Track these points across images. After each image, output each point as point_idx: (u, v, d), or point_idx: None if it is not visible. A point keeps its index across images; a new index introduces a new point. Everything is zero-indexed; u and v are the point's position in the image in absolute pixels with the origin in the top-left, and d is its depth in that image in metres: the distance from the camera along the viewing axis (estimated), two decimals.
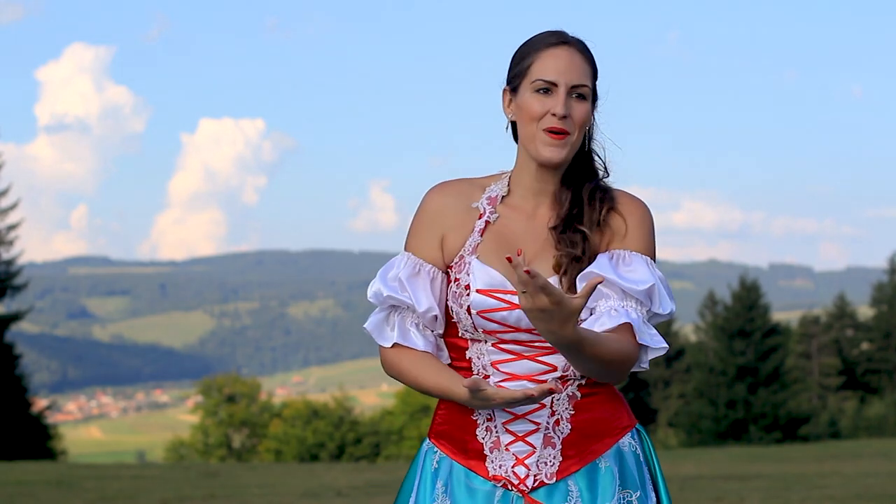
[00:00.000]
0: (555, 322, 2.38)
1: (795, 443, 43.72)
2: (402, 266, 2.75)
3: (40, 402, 46.64)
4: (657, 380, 59.30)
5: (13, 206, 43.08)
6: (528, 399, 2.53)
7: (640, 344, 2.63)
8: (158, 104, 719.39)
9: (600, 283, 2.41)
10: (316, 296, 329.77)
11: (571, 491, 2.66)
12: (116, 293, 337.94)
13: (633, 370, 2.67)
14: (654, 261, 2.74)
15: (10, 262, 42.26)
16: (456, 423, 2.74)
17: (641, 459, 2.75)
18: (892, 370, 57.05)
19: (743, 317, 50.25)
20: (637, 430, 2.79)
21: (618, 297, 2.65)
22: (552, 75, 2.67)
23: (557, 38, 2.70)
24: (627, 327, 2.61)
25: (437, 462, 2.76)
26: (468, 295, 2.67)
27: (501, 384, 2.67)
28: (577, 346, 2.45)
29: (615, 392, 2.78)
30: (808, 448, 33.46)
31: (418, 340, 2.74)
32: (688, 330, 62.51)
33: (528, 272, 2.32)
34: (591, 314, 2.66)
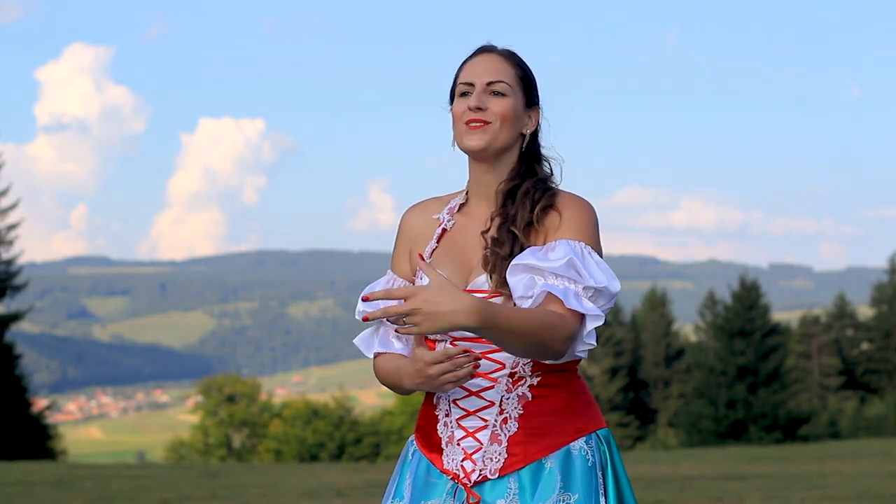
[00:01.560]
0: (438, 312, 2.55)
1: (795, 443, 43.72)
2: (381, 284, 2.99)
3: (40, 402, 46.63)
4: (657, 380, 59.33)
5: (13, 206, 43.07)
6: (446, 357, 2.63)
7: (573, 312, 2.68)
8: (158, 104, 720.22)
9: (420, 256, 2.74)
10: (316, 296, 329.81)
11: (510, 487, 2.75)
12: (116, 293, 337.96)
13: (581, 348, 2.73)
14: (595, 249, 2.78)
15: (10, 262, 42.24)
16: (427, 417, 2.90)
17: (591, 464, 2.77)
18: (892, 370, 57.05)
19: (743, 317, 50.24)
20: (597, 435, 2.83)
21: (547, 279, 2.72)
22: (469, 78, 2.88)
23: (478, 50, 2.92)
24: (552, 298, 2.69)
25: (412, 454, 2.92)
26: None
27: None
28: (499, 324, 2.57)
29: (575, 395, 2.83)
30: (808, 448, 33.46)
31: (396, 345, 2.94)
32: (688, 330, 62.58)
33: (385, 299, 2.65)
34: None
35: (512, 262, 2.74)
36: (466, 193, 2.95)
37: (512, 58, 2.90)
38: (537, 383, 2.78)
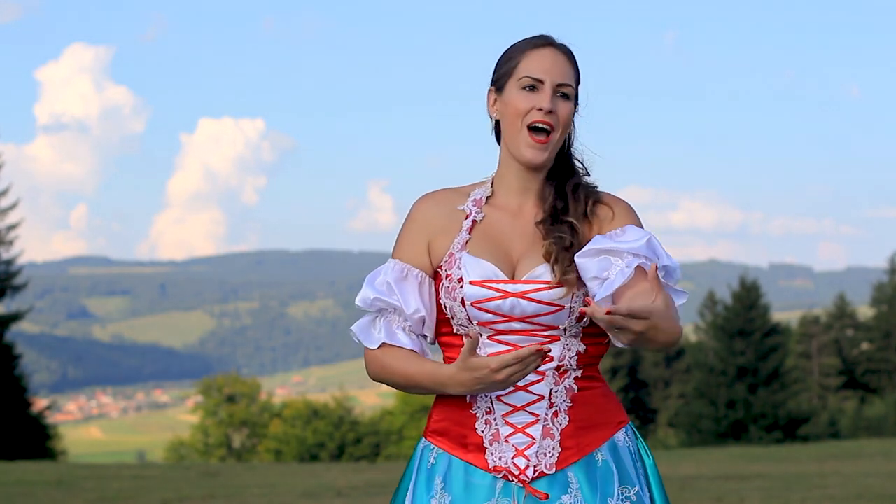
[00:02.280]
0: (659, 334, 2.55)
1: (795, 443, 43.72)
2: (389, 271, 2.83)
3: (40, 402, 46.63)
4: (657, 380, 59.34)
5: (13, 206, 43.09)
6: (517, 360, 2.57)
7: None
8: (158, 104, 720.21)
9: (656, 268, 2.55)
10: (316, 296, 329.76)
11: (571, 482, 2.71)
12: (116, 293, 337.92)
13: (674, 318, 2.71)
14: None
15: (9, 262, 42.25)
16: (454, 418, 2.79)
17: (635, 455, 2.81)
18: (892, 370, 57.06)
19: (743, 317, 50.24)
20: (631, 427, 2.86)
21: (628, 258, 2.71)
22: (539, 73, 2.76)
23: (544, 41, 2.81)
24: (641, 274, 2.68)
25: (434, 458, 2.80)
26: (461, 287, 2.74)
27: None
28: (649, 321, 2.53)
29: (608, 387, 2.86)
30: (808, 448, 33.46)
31: (405, 340, 2.81)
32: (688, 330, 62.45)
33: (608, 312, 2.49)
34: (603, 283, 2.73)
35: (586, 248, 2.72)
36: (492, 185, 2.87)
37: (573, 57, 2.82)
38: (581, 375, 2.77)
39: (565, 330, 2.74)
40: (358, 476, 18.50)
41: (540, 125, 2.75)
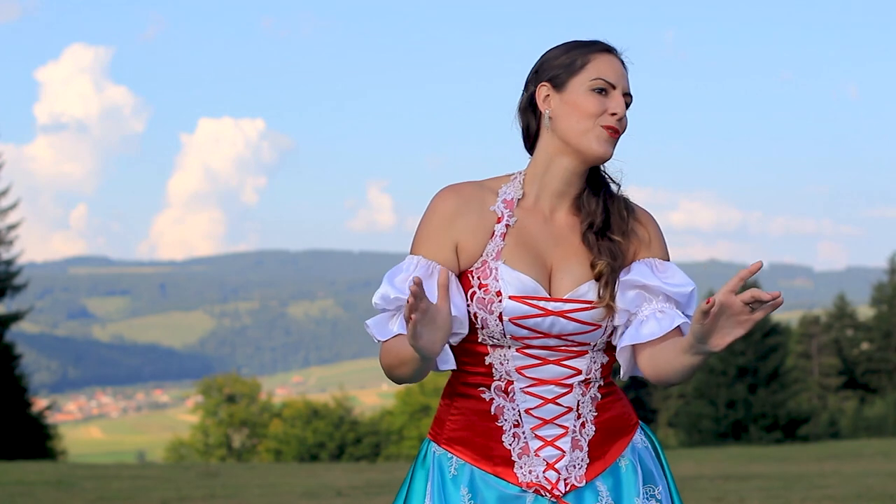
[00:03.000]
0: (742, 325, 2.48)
1: (795, 443, 43.73)
2: (413, 269, 2.67)
3: (40, 402, 46.61)
4: None
5: (13, 206, 43.08)
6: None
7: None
8: (158, 104, 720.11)
9: (759, 267, 2.47)
10: (316, 296, 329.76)
11: (601, 491, 2.69)
12: (116, 293, 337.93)
13: None
14: None
15: (10, 262, 42.23)
16: (477, 429, 2.71)
17: (652, 454, 2.81)
18: (892, 370, 57.05)
19: None
20: (641, 426, 2.85)
21: (661, 301, 2.69)
22: (612, 78, 2.70)
23: (608, 47, 2.74)
24: (677, 332, 2.67)
25: (455, 469, 2.71)
26: (500, 301, 2.62)
27: (528, 389, 2.67)
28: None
29: (621, 391, 2.84)
30: (808, 448, 33.49)
31: None
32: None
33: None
34: (630, 321, 2.69)
35: (626, 277, 2.69)
36: (522, 185, 2.75)
37: (627, 68, 2.77)
38: (603, 384, 2.74)
39: (594, 346, 2.70)
40: (358, 476, 18.49)
41: (613, 129, 2.69)
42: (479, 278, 2.65)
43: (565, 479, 2.68)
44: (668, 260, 2.77)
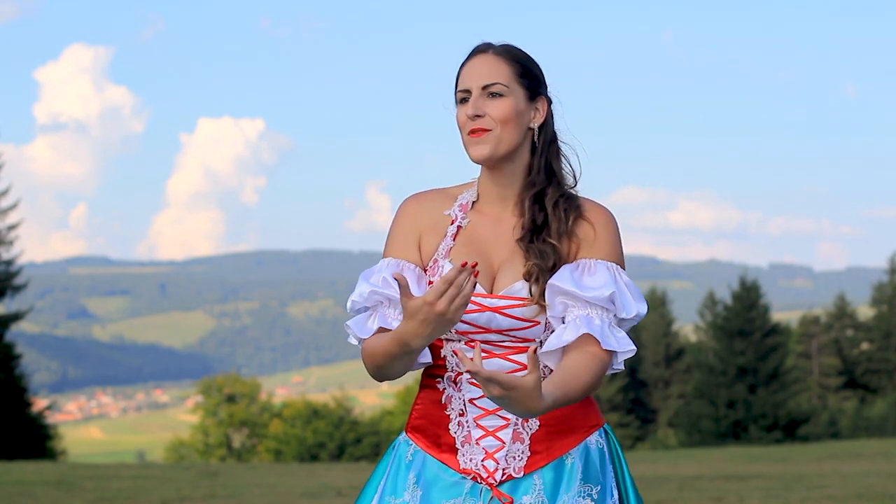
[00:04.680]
0: (520, 405, 2.48)
1: (795, 443, 43.72)
2: (384, 267, 2.82)
3: (40, 402, 46.59)
4: (657, 380, 59.30)
5: (13, 207, 43.07)
6: (448, 284, 2.54)
7: (607, 350, 2.71)
8: (157, 104, 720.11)
9: (535, 350, 2.47)
10: (316, 296, 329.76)
11: (535, 484, 2.75)
12: (116, 293, 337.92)
13: (607, 374, 2.75)
14: (623, 266, 2.81)
15: (10, 262, 42.22)
16: (431, 417, 2.83)
17: (607, 457, 2.83)
18: (892, 370, 57.04)
19: (743, 317, 50.22)
20: (605, 429, 2.87)
21: (581, 307, 2.72)
22: (465, 83, 2.82)
23: (473, 51, 2.85)
24: (589, 337, 2.69)
25: (411, 455, 2.85)
26: None
27: (474, 380, 2.75)
28: (554, 407, 2.55)
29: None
30: (808, 448, 33.47)
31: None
32: (688, 330, 62.54)
33: (473, 360, 2.46)
34: (563, 323, 2.74)
35: (550, 281, 2.72)
36: (477, 191, 2.87)
37: (507, 54, 2.82)
38: None
39: (542, 342, 2.75)
40: (358, 476, 18.51)
41: (474, 129, 2.78)
42: (429, 276, 2.80)
43: (503, 469, 2.75)
44: (616, 260, 2.79)
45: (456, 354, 2.67)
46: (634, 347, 2.73)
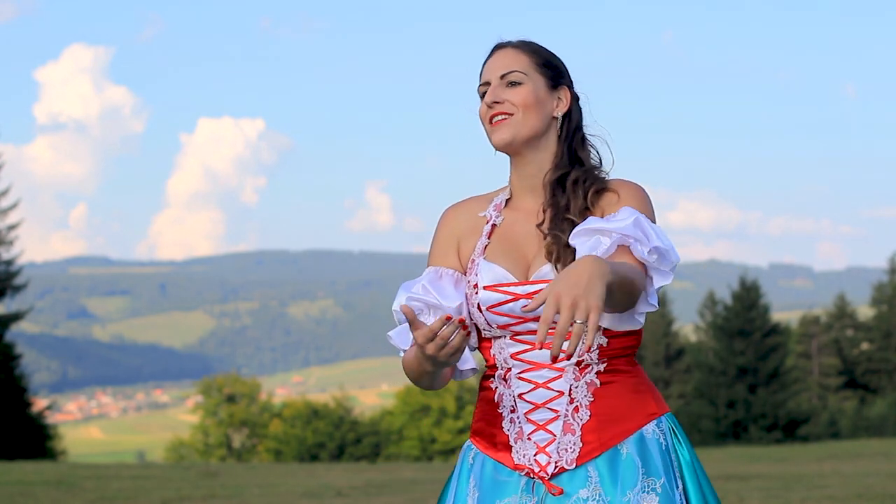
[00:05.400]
0: (574, 273, 2.42)
1: (795, 443, 43.74)
2: (424, 276, 2.87)
3: (40, 402, 46.60)
4: (657, 380, 59.29)
5: (13, 206, 43.08)
6: (433, 333, 2.55)
7: (643, 266, 2.66)
8: (157, 104, 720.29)
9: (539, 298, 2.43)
10: (316, 296, 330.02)
11: (591, 476, 2.71)
12: (116, 293, 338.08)
13: (643, 308, 2.68)
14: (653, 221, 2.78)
15: (10, 262, 42.23)
16: (487, 418, 2.84)
17: (665, 448, 2.77)
18: (892, 370, 57.04)
19: (743, 317, 50.21)
20: (664, 418, 2.81)
21: (613, 237, 2.69)
22: (485, 77, 2.87)
23: (493, 47, 2.90)
24: (623, 250, 2.66)
25: (472, 458, 2.85)
26: (477, 293, 2.77)
27: (522, 375, 2.76)
28: (614, 275, 2.47)
29: (641, 379, 2.82)
30: (808, 448, 33.49)
31: None
32: (688, 330, 62.52)
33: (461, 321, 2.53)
34: None
35: (578, 227, 2.72)
36: (510, 189, 2.91)
37: (525, 46, 2.86)
38: (604, 370, 2.75)
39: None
40: (358, 476, 18.51)
41: (493, 117, 2.82)
42: (468, 276, 2.83)
43: (555, 462, 2.73)
44: (644, 213, 2.75)
45: (530, 300, 2.60)
46: (670, 273, 2.69)
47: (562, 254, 2.73)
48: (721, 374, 49.29)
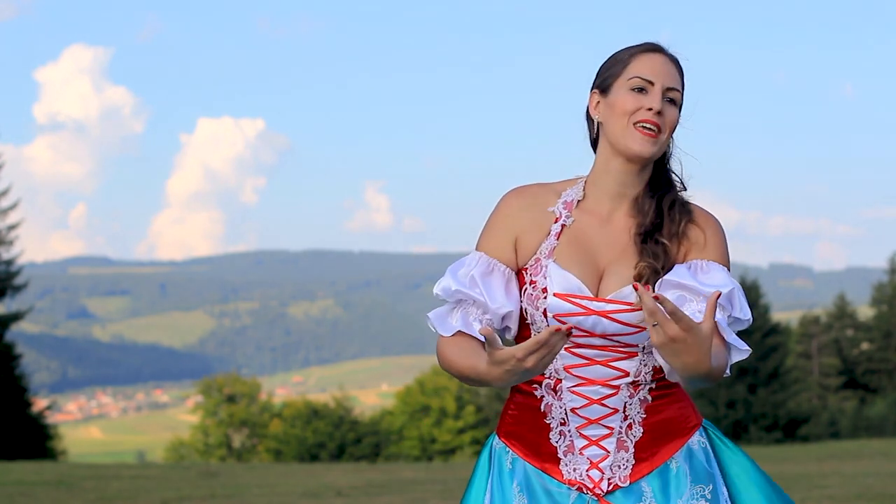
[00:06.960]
0: (689, 354, 2.43)
1: (795, 443, 43.73)
2: (474, 264, 2.75)
3: (40, 402, 46.58)
4: None
5: (13, 206, 43.08)
6: (539, 345, 2.44)
7: (725, 343, 2.68)
8: (157, 104, 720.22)
9: (718, 297, 2.45)
10: (316, 296, 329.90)
11: (645, 492, 2.71)
12: (116, 293, 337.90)
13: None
14: (730, 271, 2.79)
15: (10, 262, 42.23)
16: (528, 424, 2.78)
17: (709, 455, 2.79)
18: (892, 370, 57.03)
19: None
20: (704, 427, 2.84)
21: (700, 301, 2.67)
22: (649, 74, 2.75)
23: (654, 46, 2.80)
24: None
25: (510, 463, 2.79)
26: (545, 298, 2.70)
27: (575, 389, 2.72)
28: (711, 371, 2.50)
29: (683, 392, 2.82)
30: (808, 448, 33.48)
31: (477, 328, 2.71)
32: None
33: (657, 298, 2.38)
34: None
35: (664, 278, 2.68)
36: (584, 188, 2.82)
37: (678, 63, 2.82)
38: (655, 387, 2.75)
39: (643, 348, 2.70)
40: (358, 476, 18.50)
41: (648, 125, 2.72)
42: (531, 275, 2.74)
43: (609, 479, 2.72)
44: (726, 265, 2.77)
45: (636, 290, 2.46)
46: (749, 349, 2.71)
47: (651, 280, 2.69)
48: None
